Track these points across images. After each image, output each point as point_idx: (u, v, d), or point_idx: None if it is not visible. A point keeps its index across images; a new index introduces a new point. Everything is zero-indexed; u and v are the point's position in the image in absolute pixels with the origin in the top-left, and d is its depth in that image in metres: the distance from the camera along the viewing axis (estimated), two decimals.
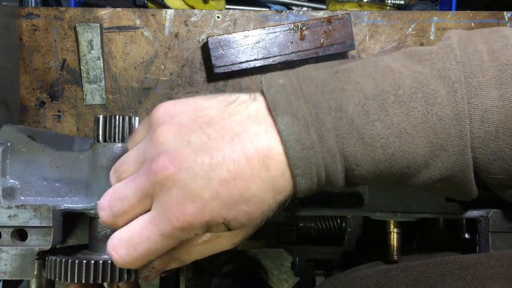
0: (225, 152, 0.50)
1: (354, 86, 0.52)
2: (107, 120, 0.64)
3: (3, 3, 0.94)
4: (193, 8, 1.08)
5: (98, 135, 0.65)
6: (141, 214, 0.53)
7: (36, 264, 0.63)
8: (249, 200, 0.51)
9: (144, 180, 0.52)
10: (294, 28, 0.95)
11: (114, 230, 0.55)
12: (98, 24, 0.97)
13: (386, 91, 0.51)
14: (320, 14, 1.00)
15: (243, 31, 0.95)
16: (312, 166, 0.51)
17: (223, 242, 0.55)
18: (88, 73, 0.98)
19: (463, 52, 0.53)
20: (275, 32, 0.95)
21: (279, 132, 0.51)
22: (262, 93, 0.54)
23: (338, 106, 0.51)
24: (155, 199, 0.51)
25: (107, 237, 0.65)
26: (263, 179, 0.51)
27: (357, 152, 0.51)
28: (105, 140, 0.64)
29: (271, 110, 0.52)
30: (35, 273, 0.64)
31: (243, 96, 0.54)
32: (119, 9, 0.99)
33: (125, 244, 0.53)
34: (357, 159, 0.52)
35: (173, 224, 0.50)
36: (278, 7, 1.20)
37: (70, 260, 0.60)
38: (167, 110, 0.54)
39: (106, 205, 0.54)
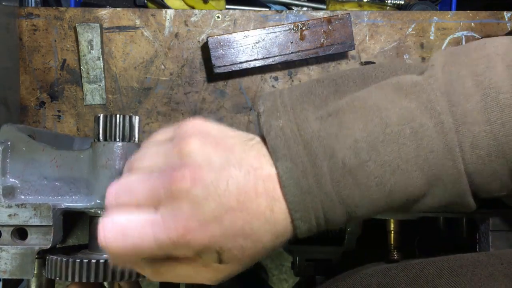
0: (240, 182, 0.50)
1: (346, 132, 0.52)
2: (107, 119, 0.64)
3: (3, 3, 0.94)
4: (193, 8, 1.08)
5: (98, 134, 0.65)
6: (139, 213, 0.52)
7: (36, 263, 0.63)
8: (248, 236, 0.51)
9: (159, 183, 0.51)
10: (294, 28, 0.95)
11: None
12: (98, 24, 0.97)
13: (375, 132, 0.52)
14: (320, 14, 1.00)
15: (243, 31, 0.95)
16: (310, 210, 0.52)
17: (206, 274, 0.54)
18: (88, 73, 0.98)
19: (446, 80, 0.53)
20: (275, 32, 0.95)
21: (279, 176, 0.51)
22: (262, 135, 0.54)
23: (332, 152, 0.52)
24: (163, 205, 0.51)
25: None
26: (266, 219, 0.51)
27: (354, 194, 0.51)
28: (105, 139, 0.64)
29: (271, 155, 0.52)
30: (35, 272, 0.64)
31: (258, 138, 0.55)
32: (119, 9, 0.99)
33: (117, 229, 0.52)
34: (355, 201, 0.52)
35: (171, 234, 0.50)
36: (278, 7, 1.20)
37: (70, 259, 0.60)
38: (196, 124, 0.54)
39: (113, 192, 0.54)
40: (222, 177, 0.50)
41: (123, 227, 0.52)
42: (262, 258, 0.55)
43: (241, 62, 0.94)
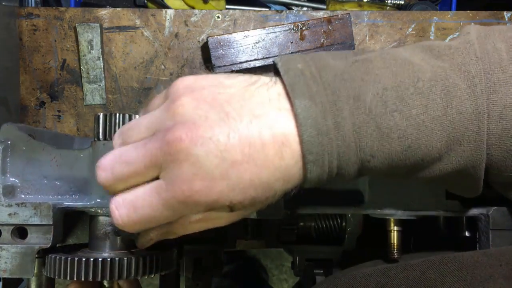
0: (242, 133, 0.49)
1: (373, 77, 0.51)
2: (107, 118, 0.64)
3: (3, 3, 0.94)
4: (193, 8, 1.08)
5: (98, 133, 0.64)
6: (143, 183, 0.52)
7: (36, 262, 0.63)
8: (258, 187, 0.50)
9: (156, 147, 0.50)
10: (294, 28, 0.95)
11: (113, 226, 0.55)
12: (98, 24, 0.97)
13: (405, 83, 0.51)
14: (320, 14, 1.00)
15: (243, 31, 0.95)
16: (325, 154, 0.50)
17: (220, 221, 0.56)
18: (88, 73, 0.98)
19: (482, 48, 0.53)
20: (275, 32, 0.95)
21: (296, 115, 0.50)
22: (279, 75, 0.53)
23: (356, 95, 0.50)
24: (164, 169, 0.50)
25: (107, 235, 0.65)
26: (276, 167, 0.50)
27: (374, 143, 0.51)
28: (105, 138, 0.64)
29: (289, 93, 0.51)
30: (35, 271, 0.63)
31: (264, 78, 0.53)
32: (119, 9, 0.99)
33: (128, 204, 0.52)
34: (373, 150, 0.51)
35: (178, 197, 0.49)
36: (278, 7, 1.20)
37: (70, 258, 0.60)
38: (187, 84, 0.53)
39: (108, 167, 0.53)
40: (222, 131, 0.49)
41: (132, 199, 0.52)
42: (274, 201, 0.54)
43: (241, 62, 0.94)
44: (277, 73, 0.53)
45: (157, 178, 0.52)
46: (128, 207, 0.52)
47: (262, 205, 0.53)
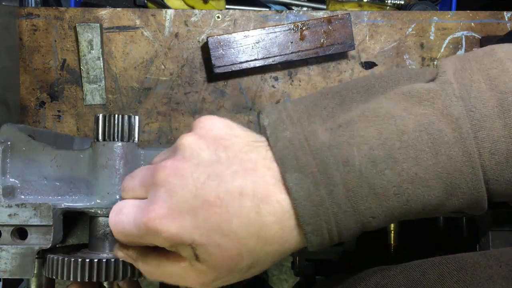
0: (223, 177, 0.50)
1: (359, 140, 0.51)
2: (107, 119, 0.64)
3: (3, 3, 0.94)
4: (193, 8, 1.08)
5: (98, 134, 0.65)
6: (139, 197, 0.57)
7: (36, 263, 0.63)
8: (225, 235, 0.50)
9: (149, 172, 0.55)
10: (294, 28, 0.95)
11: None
12: (98, 24, 0.97)
13: (391, 139, 0.51)
14: (320, 14, 1.00)
15: (243, 31, 0.95)
16: (323, 223, 0.50)
17: (197, 274, 0.53)
18: (88, 73, 0.98)
19: (460, 85, 0.52)
20: (275, 32, 0.95)
21: (288, 189, 0.50)
22: (268, 141, 0.54)
23: (345, 160, 0.50)
24: (148, 191, 0.54)
25: (106, 235, 0.65)
26: (249, 221, 0.50)
27: (371, 204, 0.50)
28: (104, 139, 0.64)
29: (279, 166, 0.51)
30: (35, 272, 0.63)
31: (267, 142, 0.54)
32: (119, 9, 0.99)
33: (117, 207, 0.57)
34: (372, 211, 0.51)
35: (143, 217, 0.51)
36: (278, 7, 1.20)
37: (69, 259, 0.60)
38: (205, 121, 0.56)
39: (125, 179, 0.60)
40: (205, 171, 0.50)
41: (120, 207, 0.57)
42: (262, 268, 0.54)
43: (241, 62, 0.94)
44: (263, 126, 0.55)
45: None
46: (117, 210, 0.57)
47: (237, 265, 0.51)
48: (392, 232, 0.68)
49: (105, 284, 0.68)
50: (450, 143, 0.50)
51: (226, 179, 0.50)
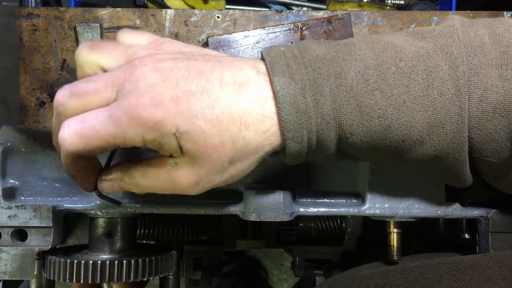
0: (202, 70, 0.51)
1: (355, 57, 0.52)
2: None
3: (3, 3, 0.94)
4: (193, 8, 1.08)
5: None
6: (102, 104, 0.51)
7: (36, 264, 0.63)
8: (209, 120, 0.49)
9: (121, 70, 0.51)
10: (294, 28, 0.95)
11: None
12: (98, 24, 0.97)
13: (387, 62, 0.51)
14: (320, 14, 1.00)
15: (243, 31, 0.95)
16: (304, 131, 0.51)
17: (180, 174, 0.52)
18: None
19: (464, 33, 0.53)
20: (275, 32, 0.95)
21: (275, 92, 0.50)
22: (262, 59, 0.54)
23: (338, 73, 0.51)
24: (121, 90, 0.50)
25: (106, 236, 0.65)
26: (231, 105, 0.50)
27: (353, 121, 0.51)
28: None
29: (269, 71, 0.52)
30: (35, 273, 0.63)
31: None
32: (119, 9, 0.99)
33: (76, 120, 0.51)
34: (352, 128, 0.51)
35: (124, 108, 0.49)
36: (278, 7, 1.20)
37: (69, 260, 0.60)
38: (175, 40, 0.56)
39: (68, 86, 0.52)
40: (184, 66, 0.50)
41: (81, 117, 0.51)
42: (242, 169, 0.53)
43: None
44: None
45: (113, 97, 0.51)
46: (77, 121, 0.50)
47: (218, 154, 0.50)
48: (392, 233, 0.68)
49: (104, 285, 0.68)
50: (444, 79, 0.51)
51: (206, 72, 0.51)
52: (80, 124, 0.50)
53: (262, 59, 0.54)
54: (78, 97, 0.51)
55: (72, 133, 0.50)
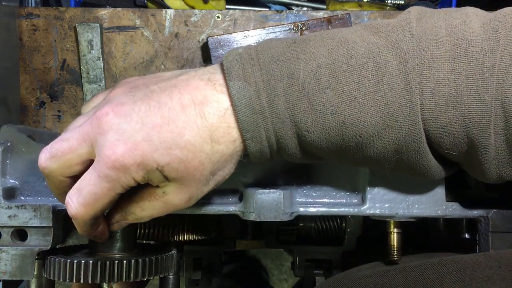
0: (161, 101, 0.52)
1: (309, 56, 0.53)
2: None
3: (3, 3, 0.94)
4: (193, 8, 1.08)
5: None
6: (80, 160, 0.54)
7: (36, 264, 0.63)
8: (183, 147, 0.52)
9: (86, 125, 0.53)
10: (294, 28, 0.95)
11: None
12: (98, 24, 0.97)
13: (339, 60, 0.53)
14: (320, 14, 1.00)
15: (243, 31, 0.95)
16: (262, 131, 0.53)
17: (172, 198, 0.55)
18: (88, 73, 0.98)
19: (420, 26, 0.54)
20: (275, 32, 0.95)
21: (231, 96, 0.53)
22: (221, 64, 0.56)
23: (291, 73, 0.53)
24: (94, 144, 0.53)
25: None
26: (198, 127, 0.52)
27: (308, 119, 0.53)
28: None
29: (225, 75, 0.54)
30: (35, 273, 0.63)
31: (209, 68, 0.57)
32: (119, 9, 0.99)
33: (75, 190, 0.54)
34: (308, 126, 0.53)
35: (107, 163, 0.51)
36: (278, 7, 1.20)
37: (69, 260, 0.60)
38: (126, 79, 0.58)
39: (47, 148, 0.55)
40: (144, 103, 0.52)
41: (77, 185, 0.54)
42: (224, 175, 0.57)
43: None
44: None
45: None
46: (75, 193, 0.54)
47: (200, 171, 0.53)
48: (392, 233, 0.68)
49: (104, 285, 0.68)
50: (393, 74, 0.52)
51: (165, 101, 0.52)
52: (80, 196, 0.54)
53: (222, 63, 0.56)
54: (56, 158, 0.54)
55: (78, 207, 0.54)
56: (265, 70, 0.53)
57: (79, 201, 0.54)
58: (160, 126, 0.51)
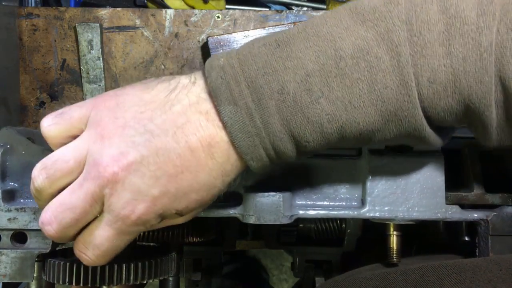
0: (169, 148, 0.51)
1: (296, 62, 0.51)
2: None
3: (3, 3, 0.94)
4: (193, 8, 1.08)
5: None
6: (92, 219, 0.54)
7: (35, 266, 0.63)
8: (198, 189, 0.53)
9: (92, 184, 0.52)
10: None
11: None
12: (98, 24, 0.97)
13: (328, 65, 0.50)
14: (320, 14, 0.99)
15: (243, 31, 0.94)
16: (261, 150, 0.53)
17: (178, 221, 0.59)
18: (88, 73, 0.98)
19: (410, 6, 0.51)
20: (275, 32, 0.94)
21: (223, 122, 0.52)
22: (204, 74, 0.54)
23: (280, 88, 0.51)
24: (106, 202, 0.52)
25: None
26: (210, 168, 0.52)
27: (305, 131, 0.52)
28: None
29: (213, 99, 0.52)
30: (34, 275, 0.63)
31: (183, 80, 0.54)
32: (119, 9, 0.99)
33: (90, 246, 0.55)
34: (306, 137, 0.52)
35: (127, 223, 0.52)
36: (278, 7, 1.20)
37: (69, 263, 0.60)
38: (109, 108, 0.54)
39: (53, 219, 0.54)
40: (151, 153, 0.51)
41: (90, 240, 0.55)
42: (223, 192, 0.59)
43: None
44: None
45: (102, 210, 0.54)
46: (91, 249, 0.55)
47: (210, 201, 0.56)
48: (392, 235, 0.68)
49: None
50: (386, 71, 0.50)
51: (173, 147, 0.51)
52: (97, 250, 0.55)
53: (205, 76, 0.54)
54: (71, 227, 0.54)
55: (96, 259, 0.56)
56: (252, 88, 0.51)
57: (96, 255, 0.55)
58: (175, 176, 0.51)
